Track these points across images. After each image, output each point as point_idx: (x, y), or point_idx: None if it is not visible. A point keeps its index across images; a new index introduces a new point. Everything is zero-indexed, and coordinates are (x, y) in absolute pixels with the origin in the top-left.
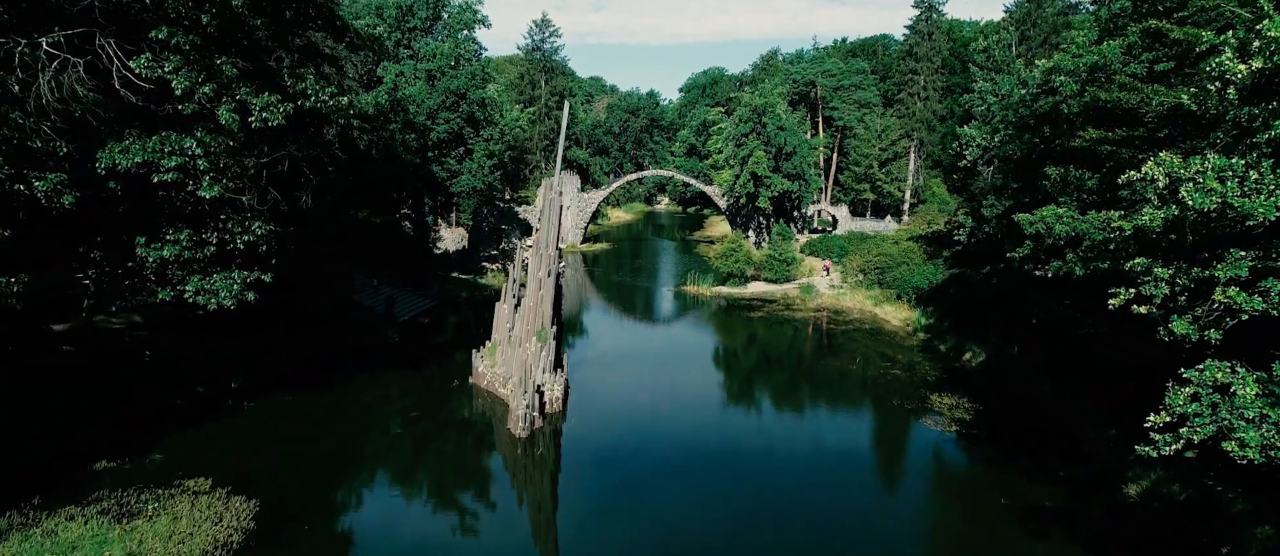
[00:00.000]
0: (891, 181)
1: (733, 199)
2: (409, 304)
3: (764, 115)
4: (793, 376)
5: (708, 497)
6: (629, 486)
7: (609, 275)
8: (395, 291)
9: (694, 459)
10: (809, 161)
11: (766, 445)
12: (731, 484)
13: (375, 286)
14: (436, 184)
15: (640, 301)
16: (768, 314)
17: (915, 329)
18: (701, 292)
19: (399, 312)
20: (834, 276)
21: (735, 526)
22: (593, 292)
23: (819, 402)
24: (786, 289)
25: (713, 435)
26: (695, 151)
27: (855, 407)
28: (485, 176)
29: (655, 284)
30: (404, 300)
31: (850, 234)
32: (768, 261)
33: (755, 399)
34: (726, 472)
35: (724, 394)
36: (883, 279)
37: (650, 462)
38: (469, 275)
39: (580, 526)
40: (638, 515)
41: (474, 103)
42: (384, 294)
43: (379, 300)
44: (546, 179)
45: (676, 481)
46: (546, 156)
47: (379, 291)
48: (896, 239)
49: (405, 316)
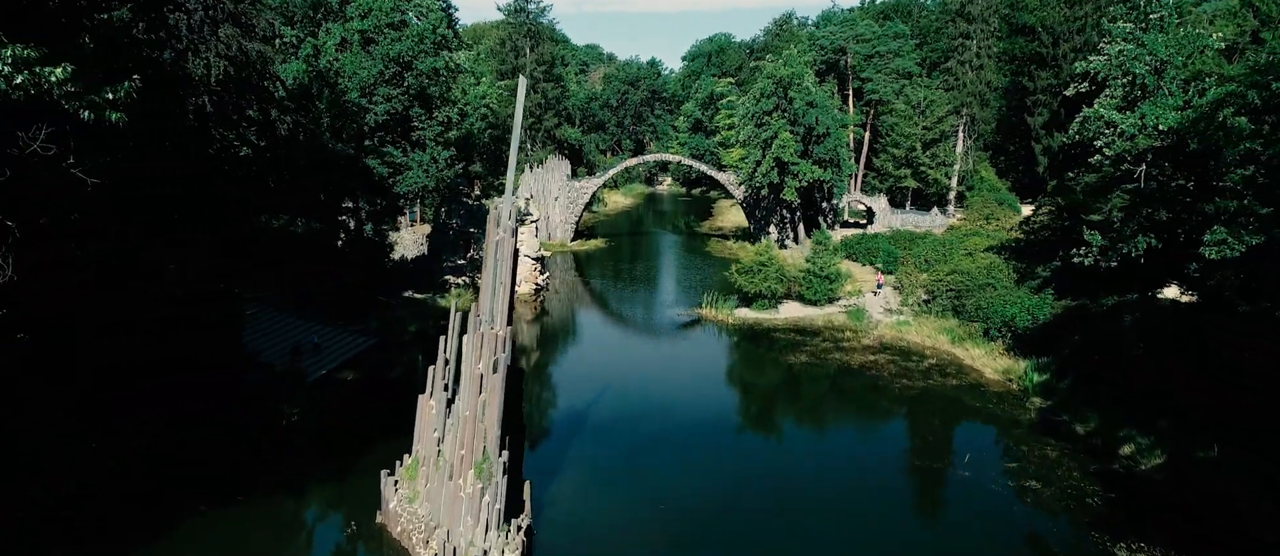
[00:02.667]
0: (937, 166)
1: (751, 189)
2: (334, 347)
3: (790, 88)
4: (880, 495)
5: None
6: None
7: (604, 288)
8: (316, 329)
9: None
10: (841, 143)
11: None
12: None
13: (292, 324)
14: (374, 183)
15: (643, 336)
16: (811, 355)
17: (1024, 388)
18: (722, 319)
19: (314, 366)
20: (886, 294)
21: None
22: (582, 319)
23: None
24: (830, 314)
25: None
26: (701, 127)
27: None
28: (439, 171)
29: (662, 302)
30: (330, 342)
31: (895, 232)
32: (806, 278)
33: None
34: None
35: (767, 530)
36: (960, 305)
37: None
38: (427, 293)
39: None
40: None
41: (424, 74)
42: (295, 337)
43: (286, 346)
44: (494, 206)
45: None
46: (532, 137)
47: (288, 332)
48: (967, 246)
49: (322, 371)
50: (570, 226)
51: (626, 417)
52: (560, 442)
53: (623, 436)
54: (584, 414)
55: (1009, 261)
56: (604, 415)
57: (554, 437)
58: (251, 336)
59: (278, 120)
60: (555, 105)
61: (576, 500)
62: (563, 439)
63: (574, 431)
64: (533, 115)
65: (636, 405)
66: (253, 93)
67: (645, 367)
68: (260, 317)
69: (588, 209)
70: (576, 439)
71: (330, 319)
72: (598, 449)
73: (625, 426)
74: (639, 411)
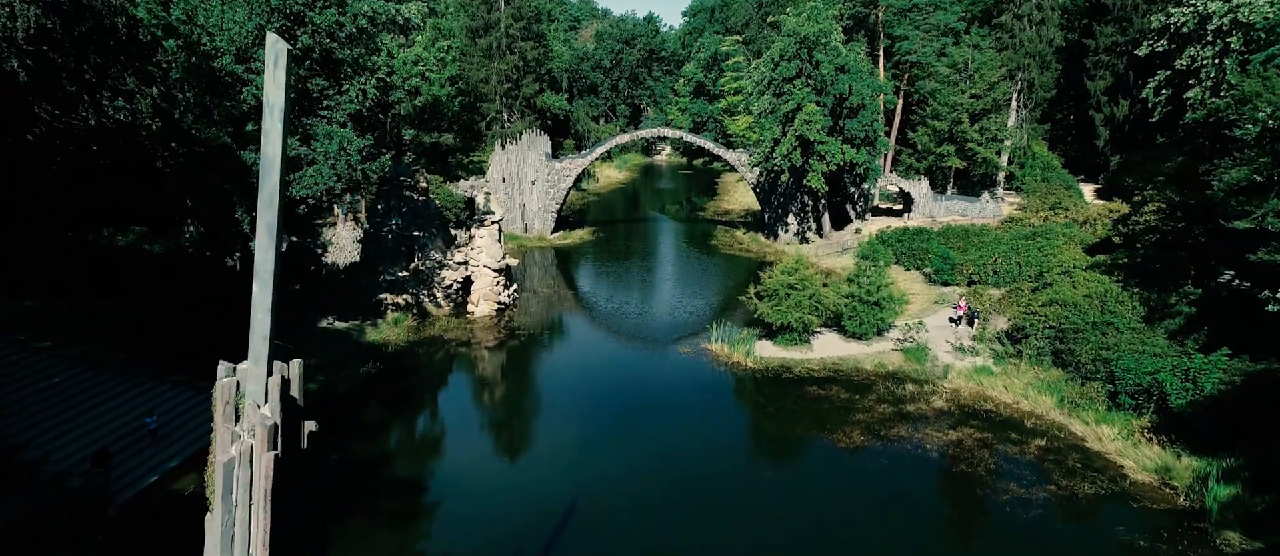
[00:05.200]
0: (987, 142)
1: (766, 172)
2: (182, 431)
3: (816, 49)
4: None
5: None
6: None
7: (589, 302)
8: (162, 400)
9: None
10: (877, 117)
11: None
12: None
13: (124, 394)
14: (252, 184)
15: (631, 390)
16: (865, 428)
17: (1203, 507)
18: (740, 360)
19: (137, 471)
20: (963, 329)
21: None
22: (552, 358)
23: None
24: (880, 352)
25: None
26: (704, 91)
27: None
28: (350, 166)
29: (659, 327)
30: (179, 421)
31: (945, 228)
32: (850, 305)
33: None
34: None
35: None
36: (1065, 351)
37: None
38: (353, 320)
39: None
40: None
41: (324, 32)
42: (121, 418)
43: (98, 438)
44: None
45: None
46: (508, 105)
47: (113, 410)
48: (1045, 250)
49: (150, 479)
50: (551, 215)
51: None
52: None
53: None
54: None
55: (1124, 284)
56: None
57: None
58: (41, 423)
59: (137, 92)
60: (535, 68)
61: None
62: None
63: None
64: (509, 80)
65: (601, 534)
66: (99, 53)
67: (626, 458)
68: (67, 388)
69: (576, 187)
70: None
71: (194, 377)
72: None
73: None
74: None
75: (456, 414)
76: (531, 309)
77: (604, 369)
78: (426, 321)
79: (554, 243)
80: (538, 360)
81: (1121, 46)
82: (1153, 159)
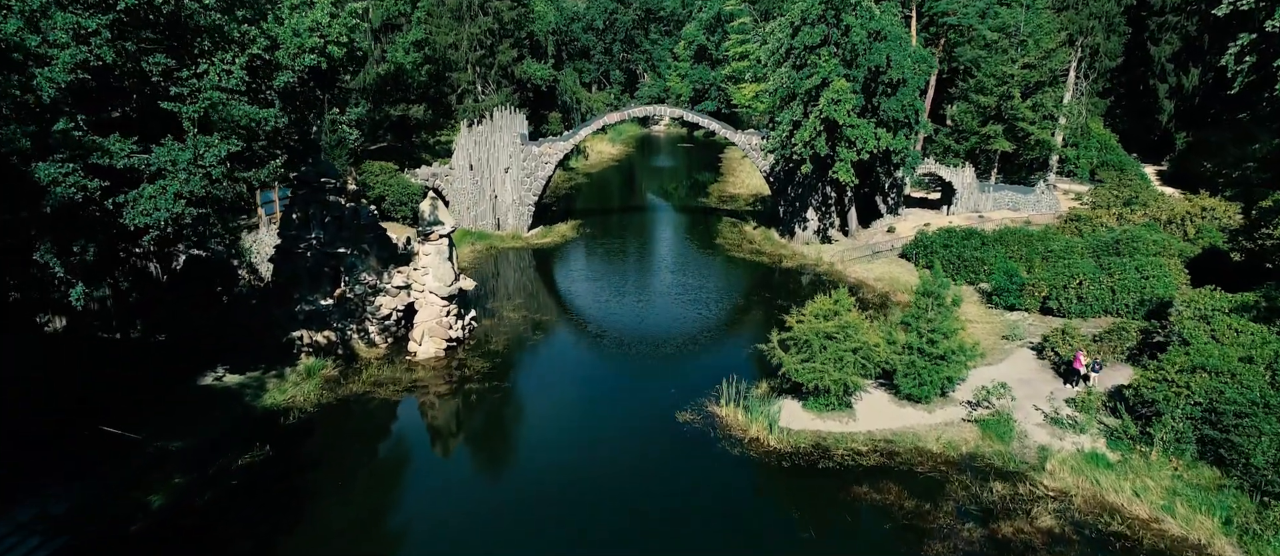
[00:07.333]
0: (1041, 121)
1: (783, 159)
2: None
3: (845, 12)
4: None
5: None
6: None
7: (565, 332)
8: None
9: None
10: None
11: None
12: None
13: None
14: (64, 209)
15: (614, 502)
16: (944, 554)
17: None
18: (760, 437)
19: None
20: (1060, 387)
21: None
22: (510, 423)
23: None
24: (947, 423)
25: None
26: (706, 55)
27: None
28: (206, 182)
29: (652, 373)
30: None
31: (1002, 230)
32: (906, 361)
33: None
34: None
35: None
36: (1227, 444)
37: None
38: (253, 370)
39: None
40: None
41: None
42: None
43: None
44: None
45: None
46: (481, 75)
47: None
48: (1146, 270)
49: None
50: (527, 209)
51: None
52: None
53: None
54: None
55: (1266, 323)
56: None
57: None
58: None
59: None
60: (513, 31)
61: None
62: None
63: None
64: (482, 46)
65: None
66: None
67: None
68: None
69: (562, 166)
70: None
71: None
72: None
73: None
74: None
75: (362, 534)
76: (492, 344)
77: (579, 456)
78: (352, 368)
79: (531, 242)
80: (490, 439)
81: (1194, 4)
82: (1236, 139)
